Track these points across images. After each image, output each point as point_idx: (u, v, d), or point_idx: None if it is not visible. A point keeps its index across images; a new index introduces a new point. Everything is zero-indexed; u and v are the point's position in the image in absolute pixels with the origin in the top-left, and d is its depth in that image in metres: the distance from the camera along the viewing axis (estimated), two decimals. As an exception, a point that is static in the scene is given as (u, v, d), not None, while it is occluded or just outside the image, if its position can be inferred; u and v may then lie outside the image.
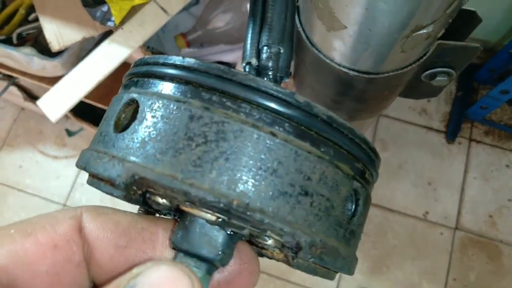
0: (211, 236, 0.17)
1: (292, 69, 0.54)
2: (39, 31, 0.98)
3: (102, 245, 0.18)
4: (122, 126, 0.18)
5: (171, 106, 0.17)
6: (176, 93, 0.17)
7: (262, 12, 0.21)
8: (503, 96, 1.29)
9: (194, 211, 0.17)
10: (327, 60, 0.37)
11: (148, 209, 0.20)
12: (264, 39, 0.21)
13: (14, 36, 0.98)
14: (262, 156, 0.16)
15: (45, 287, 0.17)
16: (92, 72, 0.82)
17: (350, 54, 0.35)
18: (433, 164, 1.45)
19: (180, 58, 0.19)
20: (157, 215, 0.21)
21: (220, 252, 0.18)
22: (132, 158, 0.17)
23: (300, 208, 0.16)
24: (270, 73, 0.21)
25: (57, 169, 1.53)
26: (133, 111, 0.19)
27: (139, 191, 0.17)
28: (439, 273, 1.34)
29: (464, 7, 0.38)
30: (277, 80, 0.22)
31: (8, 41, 0.97)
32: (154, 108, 0.17)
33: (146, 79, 0.19)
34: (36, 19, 1.00)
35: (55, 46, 0.83)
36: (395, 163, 1.46)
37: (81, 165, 0.19)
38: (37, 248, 0.17)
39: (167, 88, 0.18)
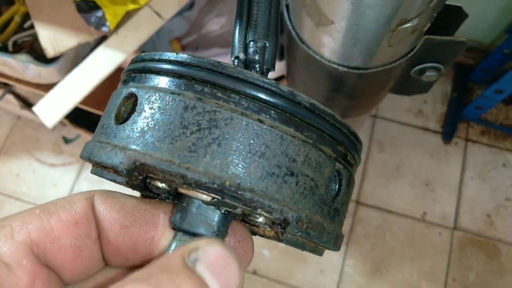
0: (207, 215, 0.19)
1: (284, 69, 0.54)
2: (34, 38, 0.98)
3: (109, 224, 0.20)
4: (123, 118, 0.20)
5: (167, 98, 0.18)
6: (171, 86, 0.19)
7: (248, 9, 0.23)
8: (497, 95, 1.30)
9: (191, 193, 0.18)
10: (317, 57, 0.38)
11: (149, 194, 0.21)
12: (250, 34, 0.22)
13: (10, 43, 0.99)
14: (251, 141, 0.17)
15: (69, 258, 0.19)
16: (88, 77, 0.82)
17: (339, 50, 0.36)
18: (430, 165, 1.45)
19: (174, 54, 0.20)
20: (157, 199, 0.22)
21: (216, 230, 0.19)
22: (133, 147, 0.18)
23: (286, 187, 0.18)
24: (257, 65, 0.23)
25: (54, 177, 1.53)
26: (132, 104, 0.20)
27: (140, 176, 0.18)
28: (438, 274, 1.34)
29: (451, 2, 0.39)
30: (263, 72, 0.23)
31: (3, 49, 0.97)
32: (152, 100, 0.19)
33: (143, 75, 0.20)
34: (31, 27, 1.00)
35: (50, 52, 0.83)
36: (392, 164, 1.46)
37: (85, 155, 0.20)
38: (60, 224, 0.19)
39: (162, 81, 0.19)
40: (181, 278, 0.15)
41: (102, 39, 0.84)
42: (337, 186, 0.20)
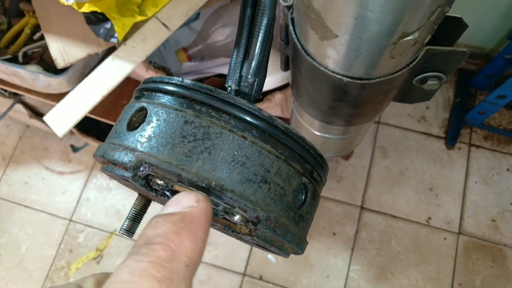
0: None
1: (290, 78, 0.56)
2: (44, 49, 1.01)
3: None
4: (134, 126, 0.24)
5: (172, 113, 0.23)
6: (175, 104, 0.23)
7: (246, 43, 0.27)
8: (500, 101, 1.31)
9: (184, 190, 0.22)
10: (322, 68, 0.39)
11: (148, 190, 0.24)
12: (245, 69, 0.27)
13: (20, 54, 1.01)
14: (235, 152, 0.22)
15: None
16: (97, 87, 0.84)
17: (343, 61, 0.37)
18: (434, 170, 1.46)
19: (180, 79, 0.24)
20: (154, 194, 0.25)
21: None
22: (140, 149, 0.22)
23: (260, 191, 0.22)
24: (245, 95, 0.28)
25: (63, 184, 1.55)
26: (142, 116, 0.24)
27: (144, 173, 0.22)
28: (444, 279, 1.34)
29: (452, 14, 0.40)
30: (251, 100, 0.27)
31: (14, 60, 1.00)
32: (159, 114, 0.23)
33: (153, 93, 0.24)
34: (41, 38, 1.03)
35: (60, 63, 0.85)
36: (396, 170, 1.47)
37: (100, 154, 0.24)
38: None
39: (169, 100, 0.24)
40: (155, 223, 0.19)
41: (111, 50, 0.86)
42: (303, 197, 0.24)
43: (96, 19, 0.83)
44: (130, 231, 0.26)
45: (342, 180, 1.47)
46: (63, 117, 0.84)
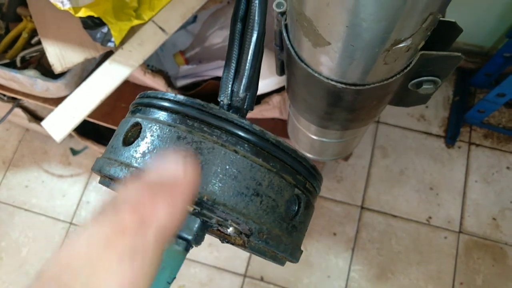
0: (189, 222, 0.23)
1: (285, 83, 0.56)
2: (42, 53, 1.01)
3: None
4: (129, 142, 0.24)
5: (165, 129, 0.23)
6: (168, 119, 0.23)
7: (237, 59, 0.27)
8: (500, 99, 1.30)
9: None
10: (316, 74, 0.39)
11: None
12: (236, 85, 0.28)
13: (18, 59, 1.01)
14: (227, 167, 0.22)
15: None
16: (95, 91, 0.84)
17: (336, 68, 0.37)
18: (434, 169, 1.46)
19: (173, 94, 0.25)
20: None
21: (195, 234, 0.23)
22: (135, 164, 0.22)
23: (252, 204, 0.22)
24: (237, 110, 0.28)
25: (63, 188, 1.55)
26: (137, 131, 0.24)
27: None
28: (445, 278, 1.34)
29: (450, 15, 0.40)
30: (243, 114, 0.28)
31: (12, 65, 1.00)
32: (153, 129, 0.23)
33: (148, 108, 0.25)
34: (39, 43, 1.03)
35: (58, 68, 0.85)
36: (396, 169, 1.47)
37: (97, 169, 0.25)
38: None
39: (162, 116, 0.24)
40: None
41: (108, 54, 0.86)
42: (296, 208, 0.25)
43: (93, 24, 0.83)
44: None
45: (342, 180, 1.47)
46: (61, 122, 0.84)
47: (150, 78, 0.91)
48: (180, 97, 0.24)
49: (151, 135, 0.23)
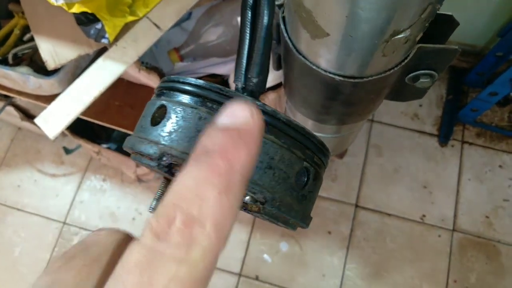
0: None
1: (282, 78, 0.55)
2: (34, 50, 1.00)
3: None
4: (156, 122, 0.27)
5: (188, 110, 0.26)
6: (191, 102, 0.26)
7: (249, 46, 0.30)
8: (492, 98, 1.31)
9: None
10: (314, 67, 0.39)
11: (171, 176, 0.28)
12: (249, 71, 0.30)
13: (10, 56, 1.00)
14: None
15: None
16: (89, 88, 0.83)
17: (335, 60, 0.37)
18: (427, 168, 1.46)
19: (194, 79, 0.27)
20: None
21: None
22: (163, 142, 0.25)
23: (266, 176, 0.25)
24: (251, 92, 0.31)
25: (56, 187, 1.54)
26: (163, 113, 0.27)
27: (166, 162, 0.25)
28: (439, 276, 1.35)
29: (443, 12, 0.40)
30: (256, 96, 0.30)
31: (4, 62, 0.99)
32: (177, 111, 0.26)
33: (171, 92, 0.28)
34: (31, 39, 1.02)
35: (51, 64, 0.85)
36: (390, 168, 1.48)
37: (129, 146, 0.27)
38: None
39: (185, 98, 0.27)
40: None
41: (102, 50, 0.86)
42: (305, 179, 0.28)
43: (86, 20, 0.82)
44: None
45: (337, 179, 1.47)
46: (54, 119, 0.83)
47: (144, 75, 0.91)
48: (200, 82, 0.27)
49: (176, 116, 0.26)
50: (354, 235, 1.41)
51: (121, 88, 1.07)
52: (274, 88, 0.85)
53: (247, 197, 0.26)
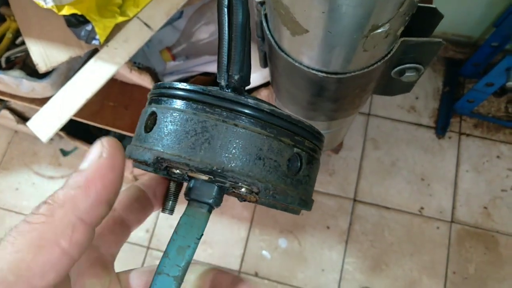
0: (207, 189, 0.27)
1: (269, 76, 0.55)
2: (27, 54, 1.00)
3: None
4: (149, 128, 0.28)
5: (175, 114, 0.27)
6: (176, 106, 0.27)
7: (228, 47, 0.30)
8: (488, 88, 1.31)
9: (195, 175, 0.27)
10: (297, 64, 0.39)
11: (171, 178, 0.30)
12: (231, 70, 0.31)
13: (3, 60, 1.00)
14: (230, 139, 0.26)
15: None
16: (80, 90, 0.83)
17: (316, 57, 0.37)
18: (425, 160, 1.46)
19: (178, 83, 0.28)
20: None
21: (213, 198, 0.27)
22: (156, 148, 0.26)
23: (256, 167, 0.26)
24: (234, 88, 0.31)
25: (54, 189, 1.51)
26: (154, 119, 0.28)
27: (162, 166, 0.27)
28: (438, 267, 1.35)
29: (435, 4, 0.40)
30: (240, 90, 0.30)
31: (-4, 66, 0.99)
32: (166, 116, 0.27)
33: (159, 98, 0.29)
34: (23, 43, 1.01)
35: (42, 67, 0.84)
36: (387, 161, 1.47)
37: (127, 155, 0.28)
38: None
39: (172, 103, 0.28)
40: None
41: (94, 52, 0.85)
42: (299, 164, 0.28)
43: (76, 22, 0.82)
44: (171, 209, 0.31)
45: (334, 174, 1.47)
46: (46, 122, 0.84)
47: (136, 75, 0.90)
48: (184, 85, 0.28)
49: (165, 122, 0.27)
50: (352, 229, 1.41)
51: (114, 88, 1.07)
52: (266, 85, 0.84)
53: (243, 189, 0.27)
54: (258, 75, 0.82)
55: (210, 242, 1.42)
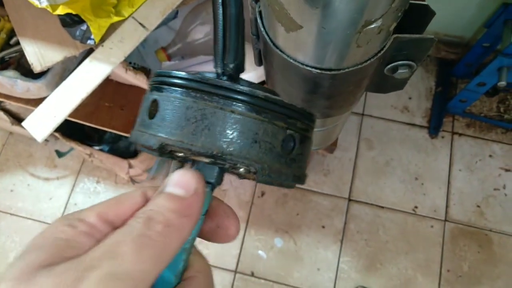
0: (209, 170, 0.29)
1: (264, 75, 0.56)
2: (21, 54, 0.99)
3: None
4: (152, 115, 0.30)
5: (176, 102, 0.29)
6: (177, 94, 0.29)
7: (223, 38, 0.32)
8: (480, 88, 1.32)
9: (198, 158, 0.29)
10: (291, 60, 0.39)
11: (175, 160, 0.31)
12: (226, 59, 0.33)
13: (-3, 60, 1.00)
14: (228, 125, 0.28)
15: None
16: (75, 90, 0.83)
17: (311, 53, 0.37)
18: (418, 159, 1.48)
19: (178, 72, 0.30)
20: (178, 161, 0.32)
21: (215, 178, 0.30)
22: (160, 134, 0.28)
23: (252, 150, 0.28)
24: (230, 76, 0.33)
25: (49, 190, 1.54)
26: (156, 106, 0.30)
27: (166, 150, 0.29)
28: (432, 266, 1.36)
29: (428, 2, 0.41)
30: (236, 78, 0.32)
31: (-9, 66, 0.98)
32: (167, 103, 0.29)
33: (161, 86, 0.30)
34: (18, 43, 1.01)
35: (37, 67, 0.84)
36: (381, 160, 1.48)
37: (133, 140, 0.31)
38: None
39: (172, 91, 0.29)
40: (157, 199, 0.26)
41: (89, 52, 0.86)
42: (292, 144, 0.30)
43: (71, 21, 0.82)
44: None
45: (329, 173, 1.48)
46: (42, 122, 0.83)
47: (132, 75, 0.91)
48: (182, 74, 0.30)
49: (166, 109, 0.29)
50: (347, 229, 1.42)
51: (110, 89, 1.07)
52: (263, 83, 0.85)
53: (241, 169, 0.29)
54: (253, 74, 0.83)
55: (206, 242, 1.42)
